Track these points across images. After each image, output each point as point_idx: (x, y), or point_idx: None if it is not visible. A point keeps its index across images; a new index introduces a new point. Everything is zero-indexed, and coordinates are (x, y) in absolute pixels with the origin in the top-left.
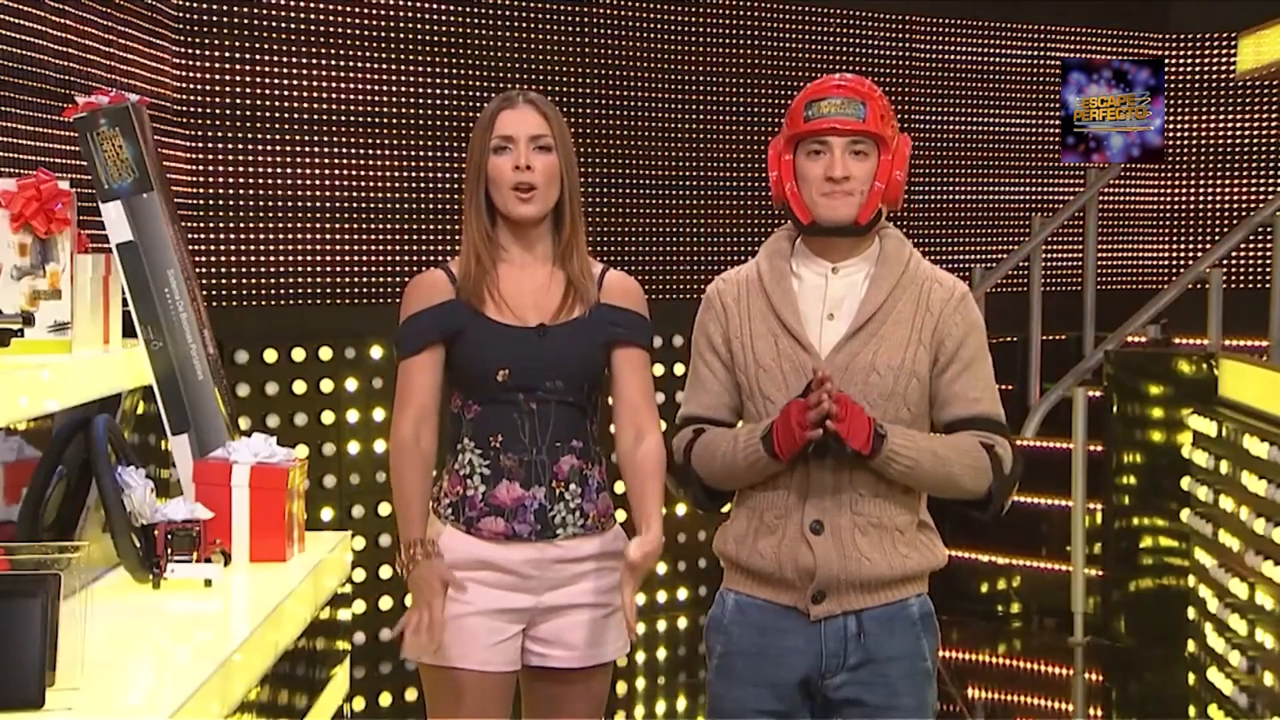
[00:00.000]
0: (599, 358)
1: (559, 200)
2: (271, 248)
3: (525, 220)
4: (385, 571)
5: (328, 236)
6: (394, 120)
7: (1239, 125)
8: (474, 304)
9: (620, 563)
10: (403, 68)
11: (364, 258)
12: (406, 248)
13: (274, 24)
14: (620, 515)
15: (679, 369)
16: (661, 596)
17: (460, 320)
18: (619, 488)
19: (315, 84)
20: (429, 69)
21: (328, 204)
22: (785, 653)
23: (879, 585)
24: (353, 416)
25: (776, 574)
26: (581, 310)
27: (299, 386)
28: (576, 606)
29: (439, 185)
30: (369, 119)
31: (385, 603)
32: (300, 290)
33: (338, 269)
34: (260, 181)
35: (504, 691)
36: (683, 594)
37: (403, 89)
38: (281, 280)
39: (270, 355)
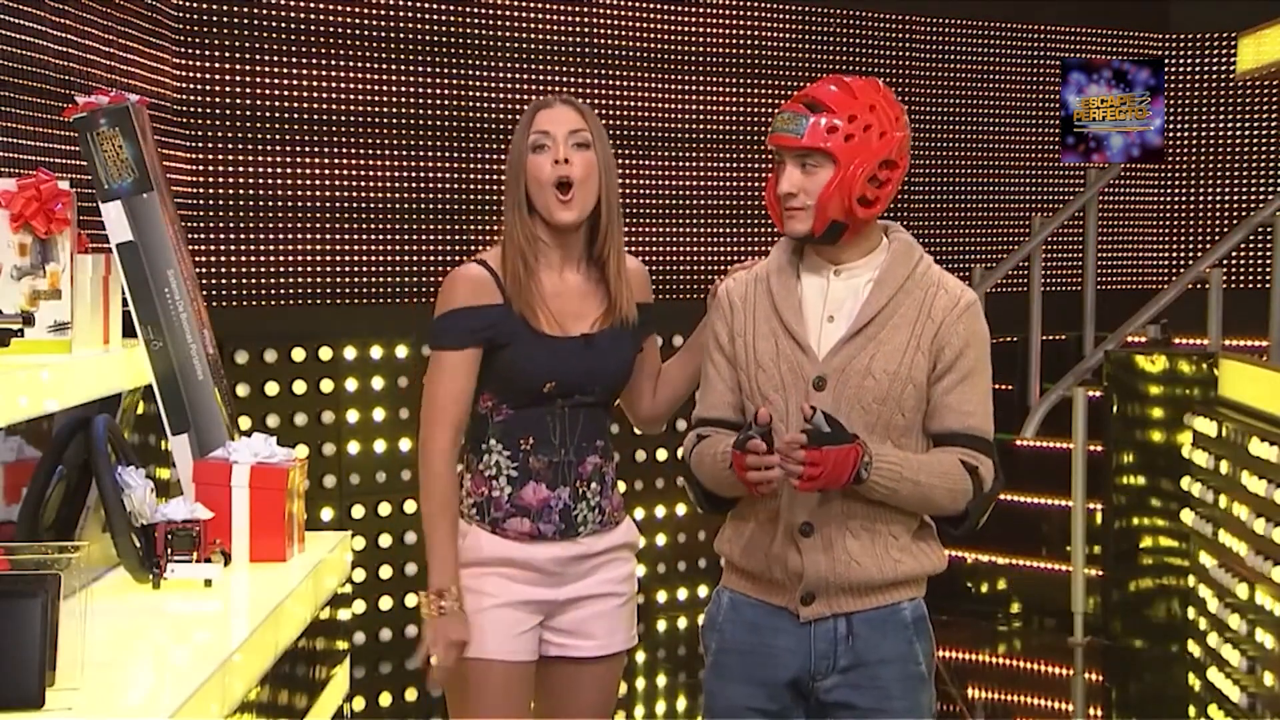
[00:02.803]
0: (634, 361)
1: (597, 202)
2: (271, 248)
3: (564, 227)
4: (385, 571)
5: (328, 236)
6: (394, 120)
7: (1239, 125)
8: (523, 314)
9: (631, 554)
10: (403, 68)
11: (364, 258)
12: (406, 248)
13: (274, 24)
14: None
15: None
16: (661, 596)
17: (509, 332)
18: (620, 486)
19: (315, 84)
20: (429, 69)
21: (328, 204)
22: (777, 652)
23: (868, 589)
24: (353, 416)
25: (767, 574)
26: (616, 315)
27: (299, 386)
28: (593, 597)
29: (439, 185)
30: (369, 119)
31: (385, 603)
32: (300, 290)
33: (338, 269)
34: (260, 181)
35: (527, 681)
36: (683, 594)
37: (403, 89)
38: (281, 280)
39: (270, 355)
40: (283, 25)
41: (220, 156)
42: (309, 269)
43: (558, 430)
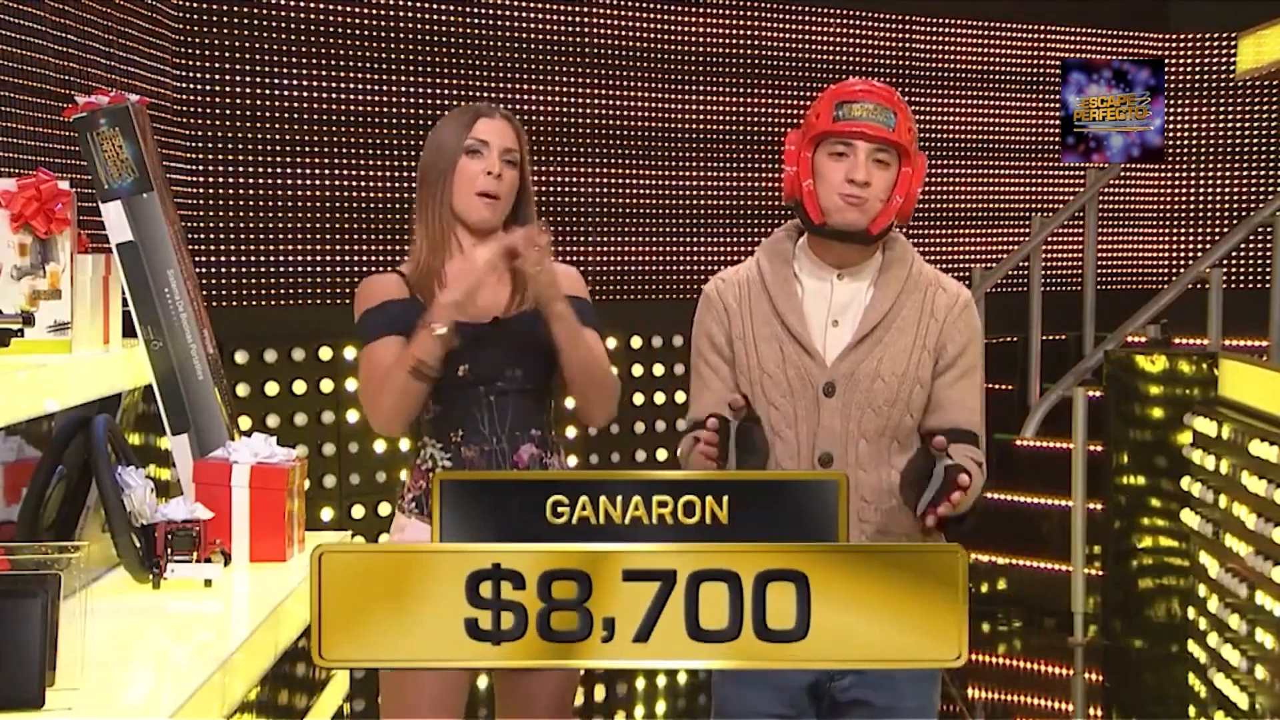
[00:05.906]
0: (552, 347)
1: (514, 207)
2: (271, 248)
3: (482, 226)
4: None
5: (328, 236)
6: (394, 120)
7: (1239, 125)
8: (428, 302)
9: None
10: (403, 68)
11: (364, 258)
12: (406, 248)
13: (274, 24)
14: None
15: (679, 369)
16: None
17: (417, 319)
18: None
19: (315, 84)
20: (429, 69)
21: (328, 204)
22: None
23: None
24: (353, 416)
25: None
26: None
27: (299, 386)
28: None
29: None
30: (369, 119)
31: None
32: (300, 290)
33: (337, 269)
34: (260, 181)
35: (461, 690)
36: None
37: (403, 89)
38: (281, 280)
39: (270, 355)
40: (283, 25)
41: (220, 156)
42: (309, 269)
43: (486, 420)
